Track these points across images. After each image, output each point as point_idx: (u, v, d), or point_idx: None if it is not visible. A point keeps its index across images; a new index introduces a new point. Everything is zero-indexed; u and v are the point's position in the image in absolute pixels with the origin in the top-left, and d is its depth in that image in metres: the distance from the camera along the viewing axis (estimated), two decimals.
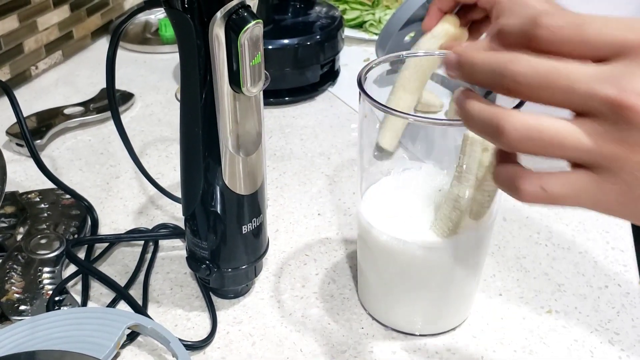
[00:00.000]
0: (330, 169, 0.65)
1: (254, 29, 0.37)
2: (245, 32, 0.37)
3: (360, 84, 0.41)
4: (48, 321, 0.42)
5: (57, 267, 0.50)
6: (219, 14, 0.36)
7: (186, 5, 0.36)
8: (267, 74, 0.42)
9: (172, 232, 0.54)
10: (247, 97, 0.41)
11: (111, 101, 0.45)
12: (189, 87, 0.40)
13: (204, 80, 0.39)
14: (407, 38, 0.82)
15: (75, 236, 0.53)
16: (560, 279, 0.51)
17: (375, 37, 0.90)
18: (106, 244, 0.53)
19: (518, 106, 0.38)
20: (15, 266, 0.49)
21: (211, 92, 0.39)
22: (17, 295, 0.47)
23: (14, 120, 0.69)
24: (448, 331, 0.47)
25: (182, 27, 0.38)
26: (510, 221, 0.57)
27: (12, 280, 0.48)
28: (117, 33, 0.42)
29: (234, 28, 0.36)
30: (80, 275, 0.50)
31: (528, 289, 0.50)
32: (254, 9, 0.38)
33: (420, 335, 0.46)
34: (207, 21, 0.36)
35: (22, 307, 0.46)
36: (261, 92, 0.42)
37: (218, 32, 0.37)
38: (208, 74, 0.39)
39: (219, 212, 0.44)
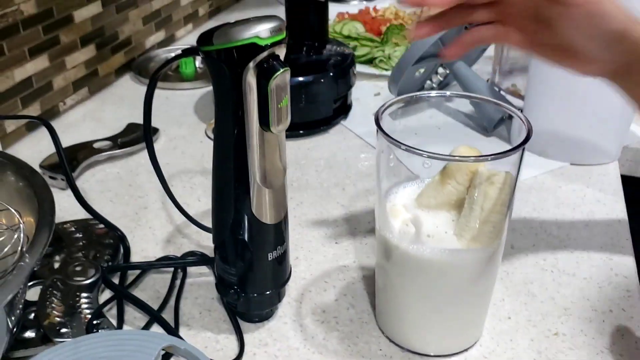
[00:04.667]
0: (346, 199, 0.69)
1: (282, 76, 0.41)
2: (274, 79, 0.41)
3: (377, 122, 0.45)
4: (90, 342, 0.45)
5: (94, 293, 0.53)
6: (251, 64, 0.40)
7: (223, 57, 0.40)
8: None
9: (200, 259, 0.58)
10: (273, 135, 0.44)
11: (147, 137, 0.50)
12: (223, 126, 0.44)
13: (236, 120, 0.43)
14: (417, 74, 0.86)
15: (109, 263, 0.57)
16: (566, 303, 0.54)
17: (385, 73, 0.95)
18: (138, 271, 0.57)
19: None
20: (55, 292, 0.53)
21: (242, 131, 0.43)
22: (58, 319, 0.50)
23: (46, 154, 0.74)
24: (461, 352, 0.50)
25: (218, 74, 0.42)
26: (518, 248, 0.61)
27: (53, 305, 0.51)
28: (154, 78, 0.46)
29: (264, 75, 0.41)
30: (115, 300, 0.53)
31: (535, 312, 0.53)
32: (282, 58, 0.42)
33: (435, 355, 0.49)
34: (240, 70, 0.40)
35: (63, 330, 0.49)
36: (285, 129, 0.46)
37: (250, 79, 0.41)
38: (240, 114, 0.43)
39: (247, 240, 0.47)
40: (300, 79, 0.78)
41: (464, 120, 0.79)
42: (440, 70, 0.90)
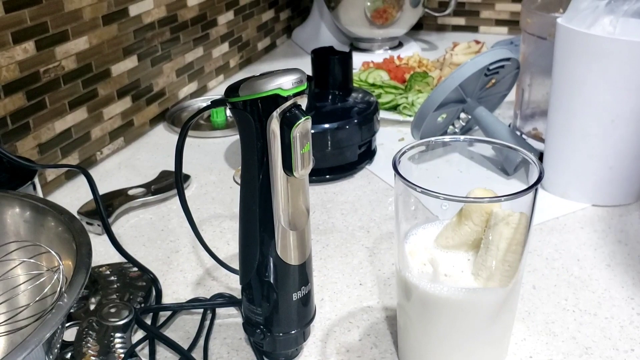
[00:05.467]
0: (370, 241, 0.70)
1: (304, 124, 0.44)
2: (296, 127, 0.43)
3: (395, 167, 0.47)
4: None
5: (127, 333, 0.56)
6: (275, 113, 0.43)
7: (248, 107, 0.44)
8: (313, 157, 0.49)
9: (228, 300, 0.60)
10: (297, 179, 0.47)
11: (179, 185, 0.52)
12: (249, 171, 0.47)
13: (261, 166, 0.46)
14: (439, 119, 0.89)
15: (142, 305, 0.59)
16: (588, 343, 0.55)
17: (409, 119, 0.98)
18: (170, 312, 0.59)
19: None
20: (90, 332, 0.55)
21: (267, 176, 0.46)
22: (93, 358, 0.53)
23: (84, 201, 0.77)
24: None
25: (244, 123, 0.45)
26: (539, 289, 0.61)
27: (89, 345, 0.54)
28: (185, 128, 0.49)
29: (287, 124, 0.44)
30: (148, 340, 0.56)
31: (557, 351, 0.54)
32: (304, 107, 0.45)
33: None
34: (265, 119, 0.43)
35: None
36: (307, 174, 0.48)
37: (274, 127, 0.44)
38: (265, 160, 0.45)
39: (272, 281, 0.49)
40: (326, 125, 0.81)
41: (485, 163, 0.80)
42: (463, 115, 0.92)
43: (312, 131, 0.80)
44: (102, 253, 0.69)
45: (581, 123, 0.72)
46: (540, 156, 0.79)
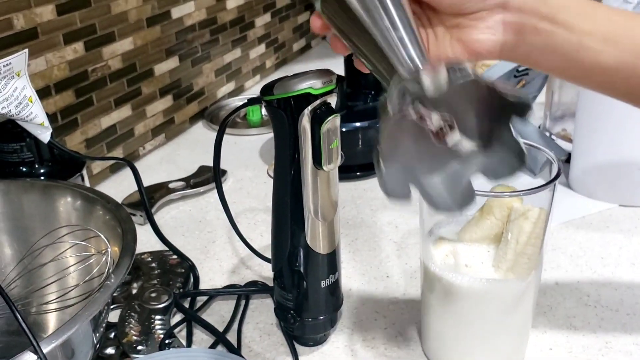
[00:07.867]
0: (398, 236, 0.73)
1: (333, 121, 0.47)
2: (326, 124, 0.46)
3: None
4: (161, 358, 0.51)
5: (166, 316, 0.59)
6: (306, 111, 0.46)
7: (282, 105, 0.47)
8: (342, 153, 0.52)
9: (261, 288, 0.63)
10: (326, 173, 0.50)
11: (217, 177, 0.56)
12: (281, 164, 0.50)
13: (293, 160, 0.49)
14: None
15: (181, 290, 0.63)
16: (608, 337, 0.56)
17: None
18: (206, 297, 0.63)
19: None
20: (132, 314, 0.59)
21: (298, 169, 0.49)
22: (135, 337, 0.56)
23: (127, 193, 0.82)
24: None
25: (277, 120, 0.48)
26: (562, 285, 0.63)
27: (131, 325, 0.58)
28: (223, 124, 0.53)
29: (317, 121, 0.47)
30: (185, 323, 0.59)
31: (577, 344, 0.56)
32: (333, 105, 0.48)
33: None
34: (297, 116, 0.47)
35: (139, 347, 0.56)
36: (336, 168, 0.51)
37: (305, 124, 0.47)
38: (296, 155, 0.48)
39: (302, 269, 0.53)
40: (357, 124, 0.83)
41: None
42: None
43: (344, 129, 0.83)
44: (144, 242, 0.73)
45: (609, 124, 0.73)
46: (569, 157, 0.80)
